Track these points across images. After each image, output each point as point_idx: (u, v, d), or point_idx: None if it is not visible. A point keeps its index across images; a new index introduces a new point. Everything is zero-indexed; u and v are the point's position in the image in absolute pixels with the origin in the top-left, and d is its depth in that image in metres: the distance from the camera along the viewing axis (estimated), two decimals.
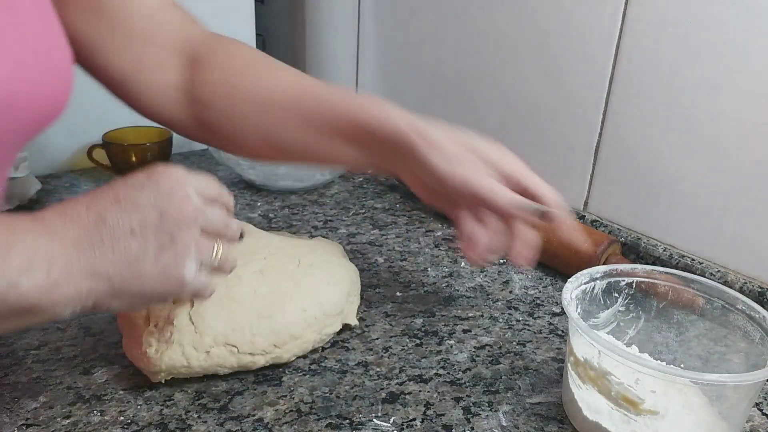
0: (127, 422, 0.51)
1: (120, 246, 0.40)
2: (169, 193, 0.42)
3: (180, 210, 0.42)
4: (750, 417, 0.55)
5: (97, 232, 0.40)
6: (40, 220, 0.40)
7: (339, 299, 0.61)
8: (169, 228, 0.42)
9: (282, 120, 0.58)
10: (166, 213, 0.42)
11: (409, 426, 0.52)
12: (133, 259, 0.41)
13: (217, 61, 0.59)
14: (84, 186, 0.99)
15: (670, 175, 0.74)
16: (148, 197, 0.42)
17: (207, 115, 0.60)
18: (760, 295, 0.66)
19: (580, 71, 0.81)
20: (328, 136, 0.57)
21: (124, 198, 0.41)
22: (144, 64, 0.58)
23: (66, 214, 0.40)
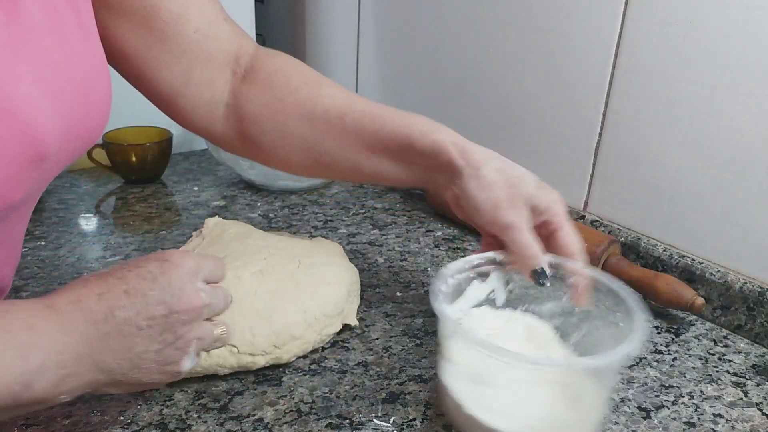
0: (127, 422, 0.51)
1: (126, 342, 0.41)
2: (180, 290, 0.43)
3: (188, 307, 0.43)
4: (750, 417, 0.55)
5: (105, 326, 0.40)
6: (54, 311, 0.40)
7: (339, 299, 0.61)
8: (174, 326, 0.43)
9: (326, 135, 0.58)
10: (174, 311, 0.42)
11: (409, 426, 0.52)
12: (135, 354, 0.42)
13: (263, 76, 0.59)
14: (84, 186, 0.99)
15: (670, 175, 0.74)
16: (158, 293, 0.42)
17: (252, 130, 0.60)
18: (760, 295, 0.66)
19: (579, 71, 0.81)
20: (373, 151, 0.57)
21: (135, 291, 0.42)
22: (192, 80, 0.58)
23: (79, 302, 0.40)
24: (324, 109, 0.57)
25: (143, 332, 0.41)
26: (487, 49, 0.92)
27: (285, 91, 0.58)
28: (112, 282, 0.42)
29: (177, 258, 0.44)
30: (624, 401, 0.57)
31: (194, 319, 0.44)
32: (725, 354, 0.65)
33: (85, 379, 0.41)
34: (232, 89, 0.60)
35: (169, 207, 0.94)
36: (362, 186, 1.05)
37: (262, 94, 0.59)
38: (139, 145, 0.98)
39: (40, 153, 0.41)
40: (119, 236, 0.83)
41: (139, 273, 0.43)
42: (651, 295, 0.70)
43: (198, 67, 0.57)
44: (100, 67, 0.50)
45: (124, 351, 0.41)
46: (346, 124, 0.57)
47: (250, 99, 0.59)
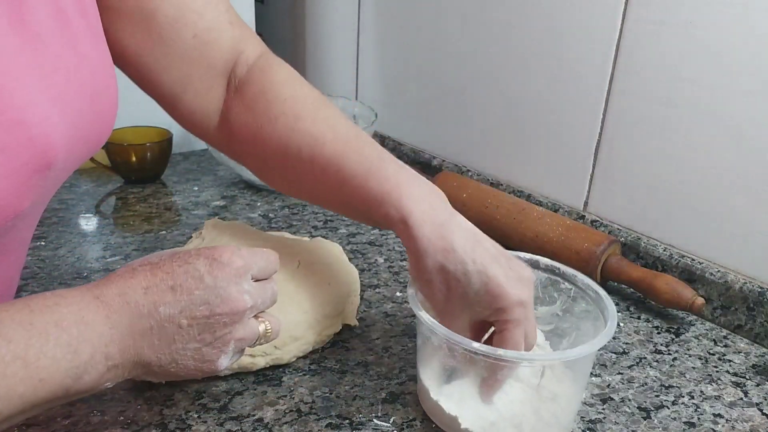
0: (127, 422, 0.51)
1: (166, 337, 0.42)
2: (225, 291, 0.43)
3: (230, 310, 0.43)
4: (750, 417, 0.55)
5: (149, 320, 0.41)
6: (102, 303, 0.41)
7: (339, 300, 0.61)
8: (214, 326, 0.43)
9: (302, 177, 0.56)
10: (216, 313, 0.43)
11: (409, 426, 0.52)
12: (174, 350, 0.42)
13: (249, 94, 0.57)
14: (84, 186, 0.99)
15: (670, 175, 0.74)
16: (203, 293, 0.42)
17: (238, 148, 0.60)
18: (760, 295, 0.66)
19: (580, 71, 0.81)
20: (338, 202, 0.57)
21: (180, 289, 0.42)
22: (190, 86, 0.57)
23: (125, 295, 0.41)
24: (297, 148, 0.55)
25: (183, 330, 0.42)
26: (487, 49, 0.92)
27: (264, 118, 0.56)
28: (160, 276, 0.42)
29: (227, 257, 0.44)
30: (624, 401, 0.57)
31: (236, 321, 0.44)
32: (725, 354, 0.65)
33: (128, 369, 0.42)
34: (225, 100, 0.59)
35: (169, 207, 0.94)
36: None
37: (246, 114, 0.57)
38: (139, 145, 0.98)
39: (47, 162, 0.41)
40: (119, 236, 0.83)
41: (187, 270, 0.43)
42: (651, 295, 0.70)
43: (196, 74, 0.57)
44: (109, 71, 0.50)
45: (164, 346, 0.42)
46: (315, 170, 0.54)
47: (236, 115, 0.58)
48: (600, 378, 0.60)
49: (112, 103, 0.50)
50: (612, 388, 0.58)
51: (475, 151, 0.99)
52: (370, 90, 1.18)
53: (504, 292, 0.48)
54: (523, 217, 0.81)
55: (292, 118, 0.55)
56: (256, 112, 0.56)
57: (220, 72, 0.58)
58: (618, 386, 0.59)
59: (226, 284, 0.43)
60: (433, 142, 1.06)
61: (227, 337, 0.44)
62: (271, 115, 0.56)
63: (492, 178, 0.96)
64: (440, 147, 1.05)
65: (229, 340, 0.44)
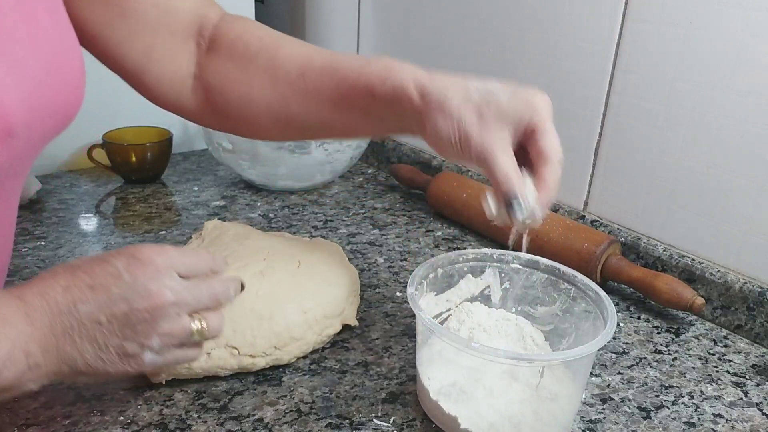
0: (127, 422, 0.51)
1: (87, 335, 0.42)
2: (143, 288, 0.43)
3: (149, 305, 0.43)
4: (750, 417, 0.55)
5: (69, 318, 0.42)
6: (23, 302, 0.41)
7: (339, 300, 0.61)
8: (134, 322, 0.43)
9: (290, 99, 0.57)
10: (134, 308, 0.43)
11: (409, 426, 0.52)
12: (96, 347, 0.43)
13: (224, 46, 0.58)
14: (84, 186, 0.99)
15: (670, 175, 0.74)
16: (121, 290, 0.43)
17: (219, 101, 0.59)
18: (760, 295, 0.66)
19: (580, 71, 0.81)
20: (339, 108, 0.56)
21: (99, 287, 0.43)
22: (154, 54, 0.57)
23: (45, 295, 0.42)
24: (284, 72, 0.56)
25: (103, 327, 0.42)
26: (486, 49, 0.92)
27: (245, 59, 0.57)
28: (79, 276, 0.43)
29: (146, 254, 0.44)
30: (624, 401, 0.57)
31: (157, 316, 0.44)
32: (725, 354, 0.65)
33: (51, 368, 0.42)
34: (197, 62, 0.59)
35: (169, 207, 0.94)
36: (362, 186, 1.05)
37: (225, 65, 0.58)
38: (139, 145, 0.98)
39: (5, 128, 0.41)
40: (119, 236, 0.83)
41: (105, 269, 0.43)
42: (651, 295, 0.70)
43: (159, 42, 0.57)
44: (71, 45, 0.50)
45: (86, 343, 0.42)
46: (307, 84, 0.56)
47: (213, 71, 0.59)
48: (600, 378, 0.60)
49: (76, 77, 0.50)
50: (612, 388, 0.58)
51: None
52: None
53: (532, 92, 0.50)
54: None
55: (273, 49, 0.57)
56: (236, 55, 0.58)
57: (184, 37, 0.59)
58: (618, 386, 0.59)
59: (144, 280, 0.43)
60: None
61: (149, 332, 0.44)
62: (251, 54, 0.57)
63: None
64: None
65: (151, 335, 0.44)
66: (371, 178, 1.08)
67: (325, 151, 0.95)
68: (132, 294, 0.43)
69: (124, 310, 0.43)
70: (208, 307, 0.47)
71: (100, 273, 0.43)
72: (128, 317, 0.43)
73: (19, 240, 0.81)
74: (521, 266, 0.61)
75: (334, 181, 1.06)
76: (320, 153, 0.95)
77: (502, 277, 0.62)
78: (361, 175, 1.10)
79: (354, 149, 0.99)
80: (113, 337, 0.43)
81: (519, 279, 0.61)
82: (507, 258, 0.61)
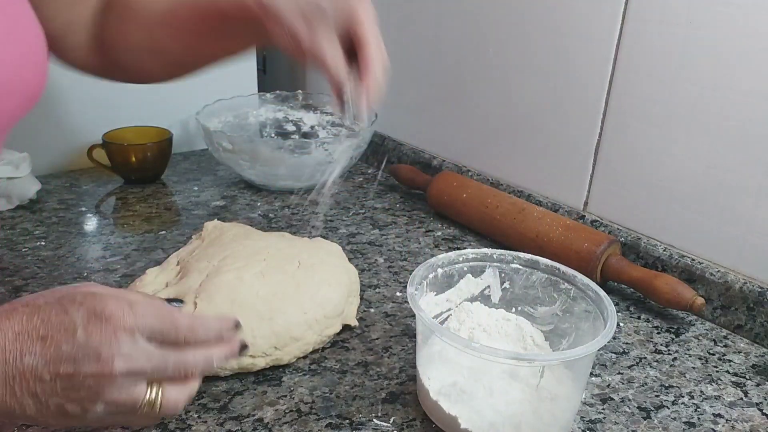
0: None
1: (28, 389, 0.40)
2: (94, 352, 0.40)
3: (95, 371, 0.40)
4: (750, 417, 0.55)
5: (12, 369, 0.39)
6: None
7: (339, 300, 0.61)
8: (77, 386, 0.40)
9: (164, 39, 0.60)
10: (80, 372, 0.40)
11: (409, 426, 0.52)
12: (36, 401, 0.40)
13: (113, 4, 0.62)
14: (84, 186, 0.99)
15: (670, 175, 0.74)
16: (70, 348, 0.39)
17: (113, 53, 0.62)
18: (760, 295, 0.66)
19: (580, 71, 0.81)
20: (203, 35, 0.58)
21: (50, 339, 0.40)
22: (72, 26, 0.60)
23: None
24: (155, 14, 0.59)
25: (45, 384, 0.39)
26: (487, 49, 0.92)
27: (128, 12, 0.60)
28: (34, 323, 0.40)
29: (111, 310, 0.41)
30: (624, 401, 0.57)
31: (104, 384, 0.40)
32: (725, 354, 0.65)
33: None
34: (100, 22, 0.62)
35: (169, 207, 0.94)
36: (362, 186, 1.05)
37: (114, 20, 0.61)
38: (139, 145, 0.98)
39: None
40: (119, 236, 0.83)
41: (62, 321, 0.40)
42: (651, 295, 0.70)
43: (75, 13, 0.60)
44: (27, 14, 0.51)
45: (26, 397, 0.40)
46: (173, 20, 0.58)
47: (108, 25, 0.61)
48: (600, 378, 0.60)
49: (35, 52, 0.50)
50: (612, 388, 0.58)
51: (475, 151, 0.99)
52: None
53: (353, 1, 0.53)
54: (523, 217, 0.81)
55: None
56: (120, 11, 0.61)
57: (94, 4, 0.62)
58: (618, 386, 0.59)
59: (98, 343, 0.40)
60: (433, 142, 1.06)
61: (92, 398, 0.40)
62: (131, 4, 0.60)
63: (492, 178, 0.96)
64: (440, 147, 1.05)
65: (95, 401, 0.40)
66: (371, 178, 1.08)
67: (325, 151, 0.95)
68: (81, 356, 0.39)
69: (69, 372, 0.39)
70: (171, 378, 0.43)
71: (55, 324, 0.40)
72: (72, 379, 0.39)
73: (19, 240, 0.81)
74: (521, 266, 0.61)
75: (334, 181, 1.05)
76: (320, 153, 0.95)
77: (502, 277, 0.62)
78: (361, 175, 1.10)
79: (354, 149, 0.99)
80: (54, 396, 0.40)
81: (519, 279, 0.61)
82: (507, 258, 0.61)
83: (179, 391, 0.43)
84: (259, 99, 1.15)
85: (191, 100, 1.04)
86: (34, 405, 0.40)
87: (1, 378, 0.39)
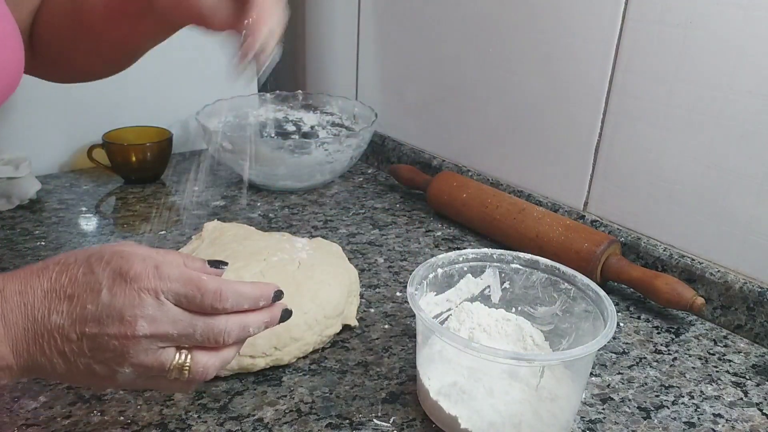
0: (127, 422, 0.51)
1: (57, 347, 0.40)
2: (118, 313, 0.39)
3: (119, 333, 0.40)
4: (750, 417, 0.55)
5: (41, 327, 0.40)
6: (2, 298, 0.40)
7: (339, 300, 0.61)
8: (103, 346, 0.40)
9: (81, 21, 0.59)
10: (105, 332, 0.39)
11: (409, 426, 0.52)
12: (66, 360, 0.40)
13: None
14: (84, 186, 0.99)
15: (670, 175, 0.74)
16: (95, 308, 0.39)
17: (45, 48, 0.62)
18: (760, 295, 0.66)
19: (579, 71, 0.81)
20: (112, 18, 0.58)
21: (77, 300, 0.40)
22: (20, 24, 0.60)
23: (24, 296, 0.40)
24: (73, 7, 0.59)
25: (73, 344, 0.40)
26: (487, 49, 0.92)
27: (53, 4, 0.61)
28: (62, 281, 0.40)
29: (136, 271, 0.40)
30: (624, 401, 0.57)
31: (128, 346, 0.40)
32: (725, 354, 0.65)
33: (22, 371, 0.40)
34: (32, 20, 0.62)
35: (169, 207, 0.94)
36: (362, 186, 1.05)
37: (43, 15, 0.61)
38: (139, 145, 0.98)
39: None
40: (119, 236, 0.83)
41: (88, 281, 0.40)
42: (651, 295, 0.70)
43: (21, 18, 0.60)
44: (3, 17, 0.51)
45: (56, 355, 0.40)
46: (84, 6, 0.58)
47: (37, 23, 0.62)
48: (600, 378, 0.60)
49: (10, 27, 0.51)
50: (612, 388, 0.58)
51: (475, 151, 0.99)
52: (370, 90, 1.18)
53: None
54: (523, 217, 0.81)
55: None
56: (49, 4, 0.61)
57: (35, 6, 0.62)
58: (618, 386, 0.59)
59: (122, 304, 0.39)
60: (433, 142, 1.06)
61: (120, 360, 0.40)
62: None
63: (492, 178, 0.96)
64: (440, 147, 1.05)
65: (122, 363, 0.40)
66: (371, 178, 1.08)
67: (325, 151, 0.95)
68: (105, 316, 0.39)
69: (94, 332, 0.39)
70: (200, 344, 0.42)
71: (81, 283, 0.40)
72: (97, 339, 0.40)
73: (19, 240, 0.81)
74: (521, 266, 0.61)
75: (334, 181, 1.06)
76: (320, 153, 0.95)
77: (502, 277, 0.62)
78: (361, 175, 1.10)
79: (354, 149, 0.99)
80: (82, 356, 0.40)
81: (519, 279, 0.61)
82: (507, 258, 0.61)
83: (210, 358, 0.43)
84: (259, 99, 1.15)
85: (191, 100, 1.04)
86: (64, 364, 0.40)
87: (31, 336, 0.39)
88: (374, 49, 1.14)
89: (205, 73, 1.07)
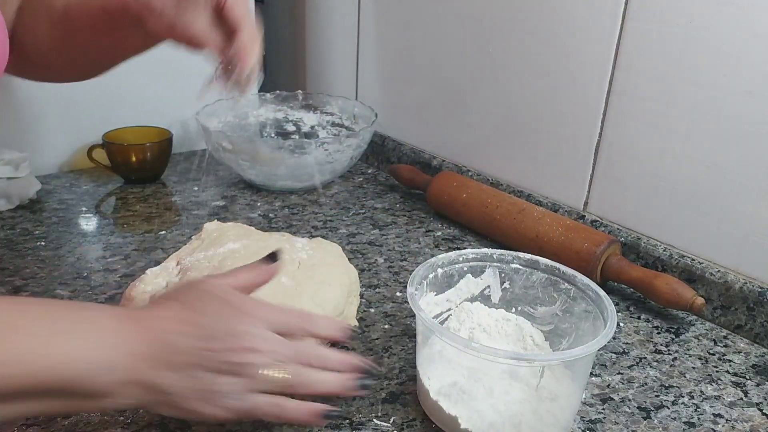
0: (127, 422, 0.51)
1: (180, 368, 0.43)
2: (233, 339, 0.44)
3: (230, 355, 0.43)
4: (750, 417, 0.55)
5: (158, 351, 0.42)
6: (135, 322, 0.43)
7: (339, 300, 0.61)
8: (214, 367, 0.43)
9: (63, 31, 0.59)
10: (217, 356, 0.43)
11: (409, 426, 0.52)
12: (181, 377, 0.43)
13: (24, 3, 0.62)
14: (84, 186, 0.99)
15: (670, 175, 0.74)
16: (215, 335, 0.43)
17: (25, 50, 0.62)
18: (760, 295, 0.66)
19: (580, 71, 0.81)
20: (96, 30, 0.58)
21: (199, 325, 0.44)
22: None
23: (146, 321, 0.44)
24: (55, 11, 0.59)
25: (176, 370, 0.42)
26: (487, 49, 0.92)
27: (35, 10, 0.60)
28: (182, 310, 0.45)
29: (251, 306, 0.46)
30: (624, 401, 0.57)
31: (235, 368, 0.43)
32: (725, 354, 0.65)
33: (141, 391, 0.42)
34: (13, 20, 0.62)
35: (169, 207, 0.94)
36: (362, 186, 1.05)
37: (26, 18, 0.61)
38: (139, 145, 0.98)
39: None
40: (119, 236, 0.83)
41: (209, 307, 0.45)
42: (651, 295, 0.70)
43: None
44: None
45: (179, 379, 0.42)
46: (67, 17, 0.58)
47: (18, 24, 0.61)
48: (600, 378, 0.60)
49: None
50: (612, 388, 0.58)
51: (475, 151, 0.99)
52: (370, 90, 1.18)
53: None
54: (523, 217, 0.81)
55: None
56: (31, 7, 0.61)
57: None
58: (618, 386, 0.59)
59: (238, 333, 0.44)
60: (433, 142, 1.06)
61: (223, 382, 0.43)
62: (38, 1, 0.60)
63: (492, 178, 0.96)
64: (440, 147, 1.05)
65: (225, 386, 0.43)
66: (371, 178, 1.08)
67: (325, 151, 0.95)
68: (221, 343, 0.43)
69: (208, 356, 0.43)
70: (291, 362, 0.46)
71: (203, 315, 0.44)
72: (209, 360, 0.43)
73: (19, 240, 0.81)
74: (521, 266, 0.61)
75: (334, 181, 1.06)
76: (320, 153, 0.95)
77: (502, 277, 0.62)
78: (361, 175, 1.10)
79: (354, 149, 0.99)
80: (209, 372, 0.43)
81: (519, 279, 0.61)
82: (507, 258, 0.61)
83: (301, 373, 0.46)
84: (259, 99, 1.15)
85: (191, 100, 1.04)
86: (180, 382, 0.43)
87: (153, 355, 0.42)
88: (374, 49, 1.14)
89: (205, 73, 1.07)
